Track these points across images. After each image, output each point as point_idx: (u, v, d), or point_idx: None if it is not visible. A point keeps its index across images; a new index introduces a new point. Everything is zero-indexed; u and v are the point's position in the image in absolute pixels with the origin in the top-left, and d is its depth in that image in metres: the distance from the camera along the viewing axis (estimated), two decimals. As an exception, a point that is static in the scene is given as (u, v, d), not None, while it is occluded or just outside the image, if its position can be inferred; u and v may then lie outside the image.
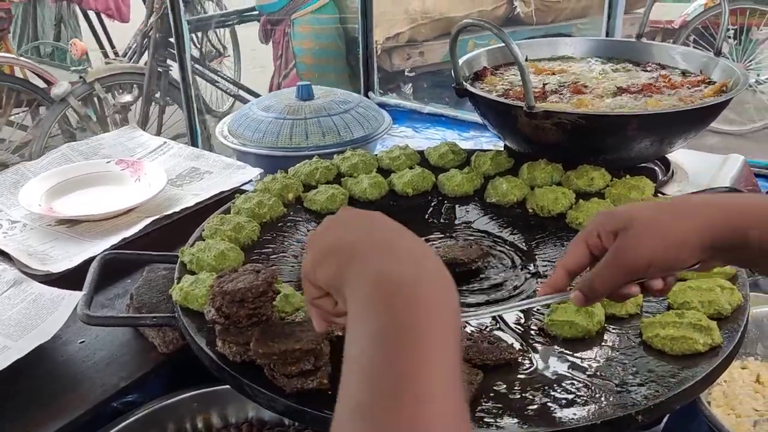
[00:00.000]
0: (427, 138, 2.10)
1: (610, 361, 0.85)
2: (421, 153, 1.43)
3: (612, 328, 0.91)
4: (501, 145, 1.55)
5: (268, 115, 1.70)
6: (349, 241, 0.63)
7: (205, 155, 1.65)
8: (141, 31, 4.29)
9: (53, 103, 3.69)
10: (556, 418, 0.76)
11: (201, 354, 0.89)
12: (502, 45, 1.45)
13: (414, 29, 4.36)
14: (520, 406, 0.78)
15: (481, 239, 1.16)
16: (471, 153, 1.41)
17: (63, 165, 1.60)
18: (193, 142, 2.46)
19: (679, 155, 1.56)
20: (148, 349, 1.09)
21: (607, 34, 2.08)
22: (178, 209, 1.39)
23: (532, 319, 0.94)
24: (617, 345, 0.88)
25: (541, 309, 0.95)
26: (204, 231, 1.14)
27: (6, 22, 4.55)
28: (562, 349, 0.88)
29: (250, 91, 4.69)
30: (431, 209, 1.27)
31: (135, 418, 1.00)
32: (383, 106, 2.07)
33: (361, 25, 2.38)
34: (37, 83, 4.01)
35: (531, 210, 1.23)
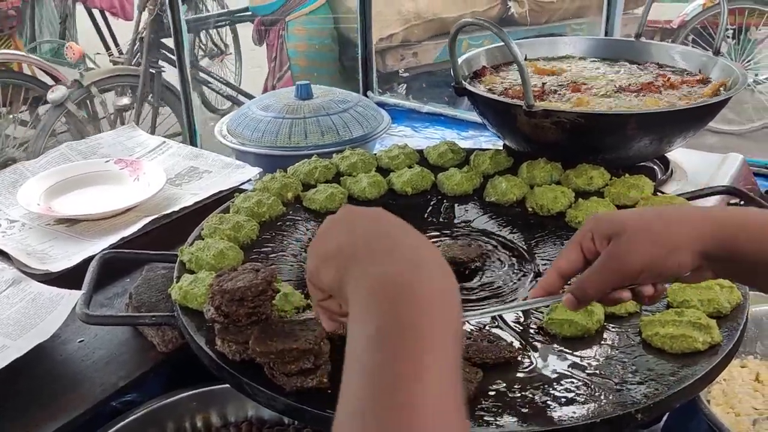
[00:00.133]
0: (426, 137, 2.10)
1: (609, 360, 0.85)
2: (420, 152, 1.43)
3: (611, 326, 0.91)
4: (500, 144, 1.55)
5: (267, 115, 1.70)
6: (349, 244, 0.63)
7: (204, 154, 1.65)
8: (135, 33, 4.27)
9: (52, 108, 3.68)
10: (555, 416, 0.76)
11: (200, 353, 0.89)
12: (501, 44, 1.45)
13: (407, 30, 4.35)
14: (519, 404, 0.78)
15: (481, 238, 1.16)
16: (470, 152, 1.41)
17: (62, 164, 1.59)
18: (192, 141, 2.45)
19: (678, 154, 1.56)
20: (147, 348, 1.09)
21: (606, 33, 2.08)
22: (177, 208, 1.39)
23: (531, 318, 0.94)
24: (617, 343, 0.88)
25: (541, 308, 0.95)
26: (203, 230, 1.14)
27: (15, 19, 4.56)
28: (561, 348, 0.88)
29: (242, 92, 4.68)
30: (430, 208, 1.27)
31: (134, 417, 1.00)
32: (382, 105, 2.07)
33: (360, 25, 2.38)
34: (45, 80, 4.01)
35: (530, 209, 1.23)
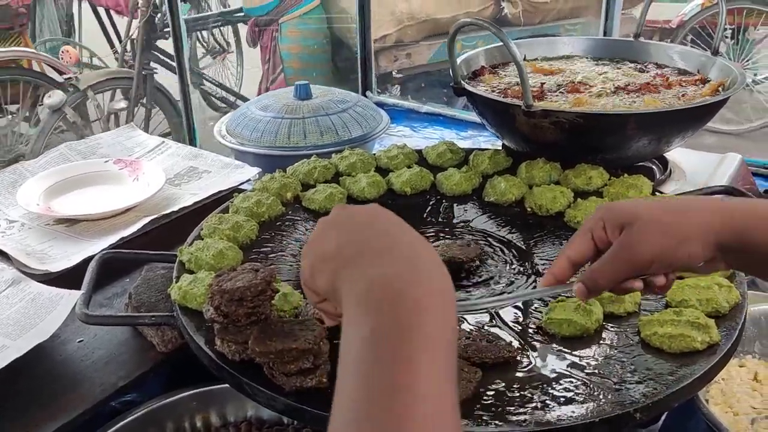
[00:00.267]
0: (425, 137, 2.10)
1: (608, 359, 0.85)
2: (420, 152, 1.43)
3: (610, 326, 0.91)
4: (499, 144, 1.55)
5: (266, 115, 1.70)
6: (343, 247, 0.62)
7: (204, 154, 1.65)
8: (127, 35, 4.24)
9: (50, 112, 3.66)
10: (554, 416, 0.76)
11: (200, 353, 0.89)
12: (499, 44, 1.45)
13: (401, 31, 4.35)
14: (518, 404, 0.78)
15: (480, 238, 1.16)
16: (469, 152, 1.41)
17: (61, 164, 1.60)
18: (191, 141, 2.45)
19: (677, 154, 1.56)
20: (146, 348, 1.09)
21: (605, 33, 2.08)
22: (176, 208, 1.39)
23: (530, 318, 0.94)
24: (615, 343, 0.88)
25: (539, 307, 0.96)
26: (202, 230, 1.14)
27: (25, 17, 4.57)
28: (560, 348, 0.88)
29: (236, 94, 4.66)
30: (429, 208, 1.27)
31: (134, 417, 1.00)
32: (381, 105, 2.07)
33: (359, 25, 2.38)
34: (54, 77, 4.02)
35: (529, 209, 1.24)
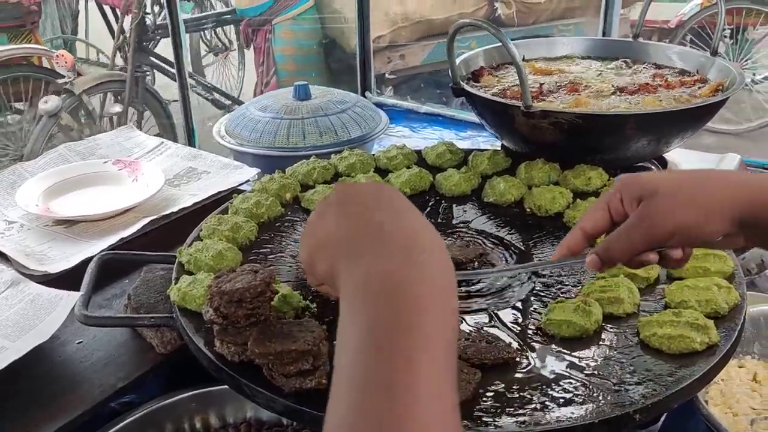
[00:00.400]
0: (424, 138, 2.10)
1: (607, 360, 0.85)
2: (419, 153, 1.43)
3: (609, 327, 0.91)
4: (498, 145, 1.55)
5: (265, 115, 1.70)
6: (341, 233, 0.60)
7: (203, 155, 1.65)
8: (118, 38, 4.21)
9: (46, 118, 3.64)
10: (554, 417, 0.76)
11: (199, 354, 0.89)
12: (498, 45, 1.45)
13: (395, 32, 4.35)
14: (518, 405, 0.78)
15: (479, 239, 1.16)
16: (468, 152, 1.41)
17: (60, 165, 1.59)
18: (191, 142, 2.45)
19: (676, 155, 1.56)
20: (145, 350, 1.09)
21: (604, 33, 2.08)
22: (175, 209, 1.39)
23: (529, 319, 0.94)
24: (615, 344, 0.88)
25: (539, 308, 0.96)
26: (202, 231, 1.14)
27: (37, 15, 4.58)
28: (559, 349, 0.88)
29: (228, 96, 4.64)
30: (429, 209, 1.27)
31: (133, 418, 1.00)
32: (380, 105, 2.07)
33: (358, 24, 2.38)
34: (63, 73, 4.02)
35: (528, 209, 1.24)
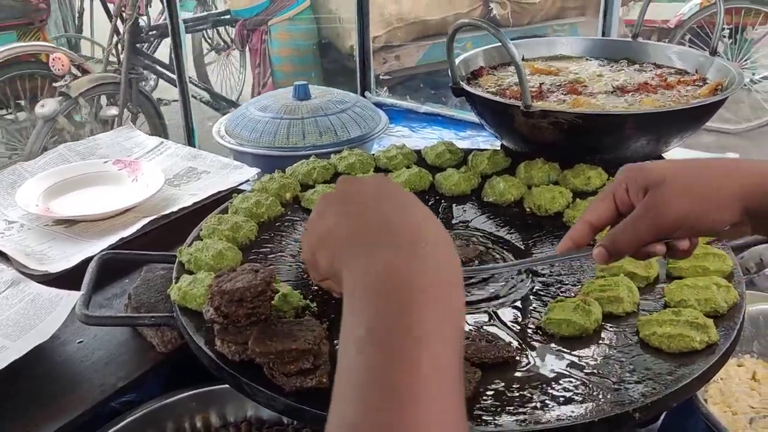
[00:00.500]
0: (424, 137, 2.10)
1: (607, 359, 0.85)
2: (418, 152, 1.43)
3: (609, 326, 0.91)
4: (498, 145, 1.55)
5: (265, 115, 1.71)
6: (344, 228, 0.59)
7: (203, 155, 1.65)
8: (110, 40, 4.20)
9: (42, 122, 3.64)
10: (553, 415, 0.76)
11: (200, 353, 0.89)
12: (497, 45, 1.45)
13: (390, 33, 4.36)
14: (518, 403, 0.78)
15: (479, 238, 1.16)
16: (468, 152, 1.41)
17: (60, 165, 1.60)
18: (190, 142, 2.46)
19: (675, 154, 1.56)
20: (146, 349, 1.09)
21: (603, 33, 2.08)
22: (175, 209, 1.39)
23: (529, 318, 0.94)
24: (614, 343, 0.88)
25: (538, 307, 0.96)
26: (202, 231, 1.15)
27: (45, 13, 4.60)
28: (559, 348, 0.88)
29: (220, 97, 4.63)
30: (428, 208, 1.27)
31: (133, 417, 1.00)
32: (380, 105, 2.07)
33: (357, 24, 2.38)
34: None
35: (528, 209, 1.24)
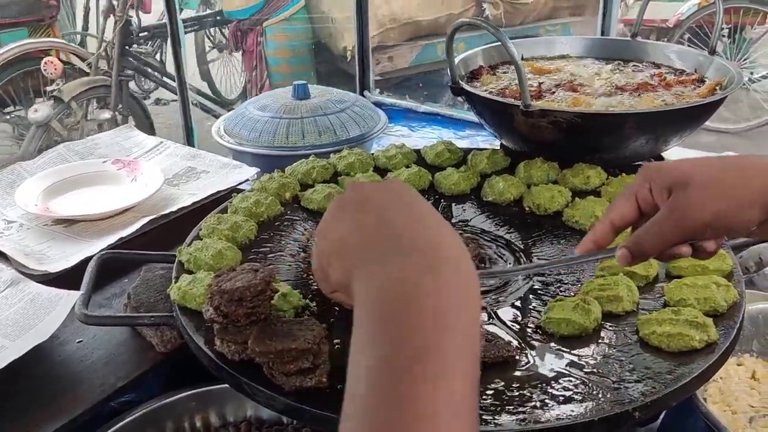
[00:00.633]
0: (423, 137, 2.10)
1: (607, 359, 0.85)
2: (418, 152, 1.43)
3: (609, 325, 0.91)
4: (497, 144, 1.55)
5: (264, 115, 1.70)
6: (355, 240, 0.56)
7: (202, 155, 1.65)
8: (100, 42, 4.18)
9: (35, 127, 3.63)
10: (553, 414, 0.76)
11: (199, 353, 0.89)
12: (496, 44, 1.45)
13: (383, 34, 4.35)
14: (517, 403, 0.78)
15: (478, 237, 1.16)
16: (467, 152, 1.41)
17: (59, 165, 1.59)
18: (189, 141, 2.45)
19: (675, 153, 1.56)
20: (145, 349, 1.09)
21: (602, 33, 2.08)
22: (174, 209, 1.39)
23: (529, 317, 0.94)
24: (614, 342, 0.88)
25: (538, 306, 0.96)
26: (201, 230, 1.15)
27: (55, 9, 4.61)
28: (559, 347, 0.88)
29: (213, 99, 4.62)
30: (428, 208, 1.27)
31: (133, 417, 1.00)
32: (379, 105, 2.07)
33: (356, 23, 2.38)
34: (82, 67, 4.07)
35: (527, 208, 1.24)
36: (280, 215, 1.23)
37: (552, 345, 0.88)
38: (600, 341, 0.89)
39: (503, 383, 0.81)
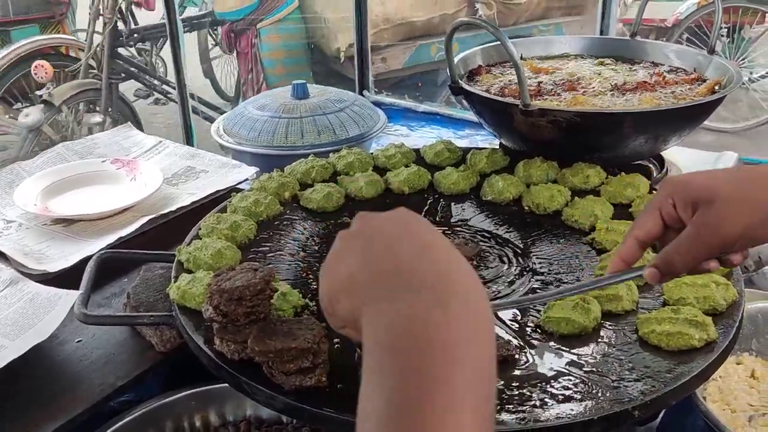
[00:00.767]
0: (422, 136, 2.10)
1: (606, 357, 0.85)
2: (417, 151, 1.43)
3: (608, 324, 0.91)
4: (497, 143, 1.55)
5: (263, 114, 1.70)
6: (364, 275, 0.55)
7: (201, 154, 1.65)
8: (89, 44, 4.12)
9: (26, 131, 3.62)
10: (553, 413, 0.76)
11: (199, 352, 0.89)
12: (496, 43, 1.45)
13: (376, 35, 4.33)
14: (517, 402, 0.78)
15: (477, 237, 1.16)
16: (467, 151, 1.41)
17: (58, 164, 1.59)
18: (189, 141, 2.46)
19: (674, 153, 1.56)
20: (145, 348, 1.09)
21: (601, 32, 2.08)
22: (174, 208, 1.39)
23: (528, 316, 0.94)
24: (613, 341, 0.88)
25: (538, 305, 0.96)
26: (200, 230, 1.15)
27: (65, 6, 4.63)
28: (558, 346, 0.88)
29: (207, 103, 4.56)
30: (427, 207, 1.27)
31: (132, 417, 1.00)
32: (378, 104, 2.07)
33: (356, 22, 2.38)
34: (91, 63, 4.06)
35: (527, 207, 1.24)
36: (279, 215, 1.23)
37: (551, 344, 0.89)
38: (599, 340, 0.89)
39: (503, 382, 0.81)
